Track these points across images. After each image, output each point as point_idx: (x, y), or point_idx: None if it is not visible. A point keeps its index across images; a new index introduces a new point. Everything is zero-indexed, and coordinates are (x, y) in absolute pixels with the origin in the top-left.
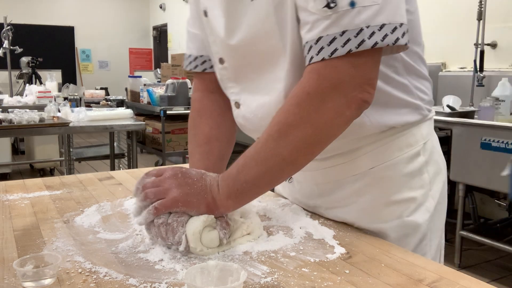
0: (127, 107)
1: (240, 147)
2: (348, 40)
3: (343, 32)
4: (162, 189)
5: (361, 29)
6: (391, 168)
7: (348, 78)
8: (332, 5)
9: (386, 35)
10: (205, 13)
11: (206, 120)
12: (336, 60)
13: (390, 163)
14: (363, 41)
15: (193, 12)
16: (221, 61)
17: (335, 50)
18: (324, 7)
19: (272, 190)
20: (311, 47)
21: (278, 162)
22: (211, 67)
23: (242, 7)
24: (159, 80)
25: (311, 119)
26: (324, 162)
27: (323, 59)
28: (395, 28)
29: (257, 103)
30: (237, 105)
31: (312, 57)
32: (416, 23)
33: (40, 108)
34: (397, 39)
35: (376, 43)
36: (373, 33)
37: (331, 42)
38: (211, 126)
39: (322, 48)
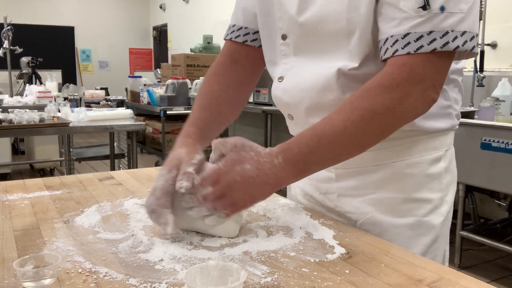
0: (127, 107)
1: None
2: (434, 39)
3: (430, 32)
4: (229, 201)
5: (447, 32)
6: (414, 166)
7: (430, 77)
8: (427, 7)
9: (466, 42)
10: None
11: (218, 78)
12: (425, 57)
13: (414, 161)
14: (447, 42)
15: None
16: (284, 37)
17: (421, 46)
18: (419, 7)
19: None
20: (396, 40)
21: (355, 148)
22: (253, 40)
23: None
24: (159, 80)
25: (394, 109)
26: None
27: (408, 53)
28: (473, 37)
29: (304, 76)
30: (281, 78)
31: (396, 50)
32: None
33: (40, 108)
34: (474, 47)
35: (458, 47)
36: (456, 37)
37: (418, 39)
38: (221, 87)
39: (408, 43)
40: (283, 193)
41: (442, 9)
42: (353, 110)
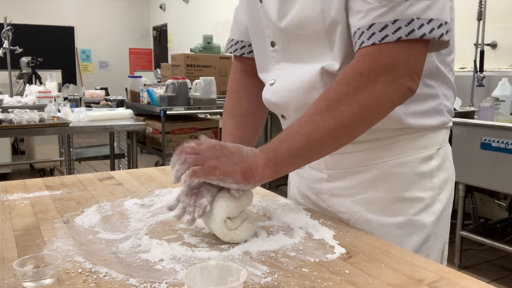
0: (127, 107)
1: None
2: (399, 28)
3: (395, 21)
4: (201, 157)
5: (412, 20)
6: (404, 165)
7: (400, 65)
8: None
9: (433, 29)
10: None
11: (244, 95)
12: (391, 46)
13: (403, 160)
14: (412, 30)
15: (242, 1)
16: (273, 44)
17: (386, 36)
18: None
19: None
20: (362, 32)
21: (321, 135)
22: (249, 52)
23: None
24: (159, 80)
25: (359, 97)
26: None
27: (373, 44)
28: (441, 25)
29: (292, 78)
30: (272, 82)
31: (363, 42)
32: (452, 33)
33: (40, 108)
34: (442, 34)
35: (424, 34)
36: (422, 25)
37: (382, 28)
38: (249, 101)
39: (373, 34)
40: (283, 193)
41: None
42: (319, 102)
